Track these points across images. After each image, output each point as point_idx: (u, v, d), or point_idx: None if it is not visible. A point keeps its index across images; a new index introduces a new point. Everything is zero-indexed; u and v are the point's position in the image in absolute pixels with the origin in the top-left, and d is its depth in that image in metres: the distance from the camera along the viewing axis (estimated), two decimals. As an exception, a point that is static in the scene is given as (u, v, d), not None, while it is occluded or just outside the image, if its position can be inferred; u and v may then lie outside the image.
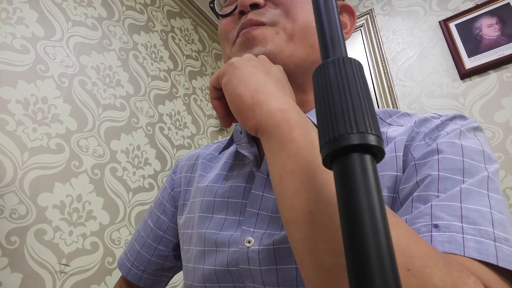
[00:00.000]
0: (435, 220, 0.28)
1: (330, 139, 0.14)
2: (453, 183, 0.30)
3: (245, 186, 0.44)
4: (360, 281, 0.11)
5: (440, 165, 0.32)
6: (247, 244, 0.38)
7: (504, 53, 1.30)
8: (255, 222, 0.39)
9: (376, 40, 1.64)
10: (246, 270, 0.37)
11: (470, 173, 0.31)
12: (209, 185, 0.48)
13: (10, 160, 0.93)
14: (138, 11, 1.60)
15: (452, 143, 0.34)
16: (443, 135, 0.35)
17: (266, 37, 0.42)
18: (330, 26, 0.17)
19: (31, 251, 0.91)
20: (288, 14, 0.42)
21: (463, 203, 0.28)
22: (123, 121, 1.32)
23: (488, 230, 0.26)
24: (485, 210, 0.28)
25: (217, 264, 0.40)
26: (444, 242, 0.26)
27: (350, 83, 0.15)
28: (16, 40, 1.06)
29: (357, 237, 0.12)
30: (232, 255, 0.38)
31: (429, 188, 0.30)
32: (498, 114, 1.25)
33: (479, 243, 0.25)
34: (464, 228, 0.26)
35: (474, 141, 0.34)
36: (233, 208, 0.43)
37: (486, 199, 0.28)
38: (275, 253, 0.36)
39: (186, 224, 0.49)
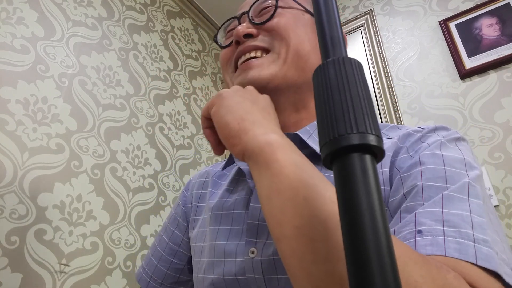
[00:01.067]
0: (419, 226, 0.29)
1: (330, 139, 0.14)
2: (437, 190, 0.32)
3: (248, 198, 0.47)
4: (360, 281, 0.11)
5: (423, 176, 0.34)
6: (251, 254, 0.40)
7: (504, 53, 1.30)
8: (256, 233, 0.41)
9: (376, 40, 1.64)
10: (252, 279, 0.39)
11: (452, 179, 0.32)
12: (218, 200, 0.51)
13: (10, 160, 0.93)
14: (138, 11, 1.60)
15: (433, 154, 0.36)
16: (424, 147, 0.38)
17: (262, 63, 0.46)
18: (330, 26, 0.17)
19: (31, 251, 0.91)
20: (282, 39, 0.46)
21: (445, 209, 0.30)
22: (123, 121, 1.32)
23: (468, 232, 0.28)
24: (466, 214, 0.29)
25: (225, 273, 0.42)
26: (427, 246, 0.27)
27: (350, 83, 0.15)
28: (16, 40, 1.06)
29: (357, 237, 0.12)
30: (240, 265, 0.41)
31: (415, 199, 0.32)
32: (498, 114, 1.25)
33: (459, 244, 0.27)
34: (446, 231, 0.28)
35: (455, 151, 0.36)
36: (237, 219, 0.46)
37: (466, 204, 0.30)
38: (275, 263, 0.38)
39: (199, 238, 0.52)
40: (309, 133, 0.45)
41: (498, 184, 1.16)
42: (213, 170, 0.60)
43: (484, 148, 1.22)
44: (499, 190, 1.15)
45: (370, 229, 0.12)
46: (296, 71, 0.46)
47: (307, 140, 0.44)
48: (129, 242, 1.17)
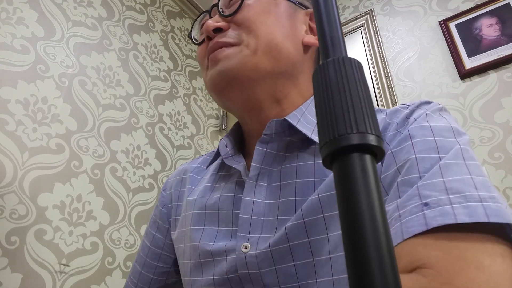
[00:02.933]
0: (424, 198, 0.29)
1: (330, 139, 0.14)
2: (431, 161, 0.32)
3: (234, 196, 0.45)
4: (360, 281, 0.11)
5: (415, 149, 0.34)
6: (244, 250, 0.39)
7: (504, 53, 1.30)
8: (249, 227, 0.41)
9: (376, 40, 1.64)
10: (246, 275, 0.38)
11: (444, 149, 0.33)
12: (198, 197, 0.49)
13: (10, 160, 0.93)
14: (138, 11, 1.61)
15: (422, 126, 0.36)
16: (411, 121, 0.38)
17: (229, 54, 0.44)
18: (330, 26, 0.17)
19: (31, 251, 0.91)
20: (250, 32, 0.45)
21: (445, 177, 0.30)
22: (123, 121, 1.32)
23: (473, 193, 0.28)
24: (466, 178, 0.30)
25: (215, 274, 0.41)
26: (437, 217, 0.27)
27: (350, 83, 0.15)
28: (16, 40, 1.06)
29: (357, 237, 0.12)
30: (231, 262, 0.40)
31: (411, 172, 0.32)
32: (498, 114, 1.25)
33: (467, 208, 0.27)
34: (451, 198, 0.28)
35: (441, 121, 0.37)
36: (225, 219, 0.45)
37: (464, 167, 0.31)
38: (273, 255, 0.37)
39: (179, 239, 0.50)
40: (297, 118, 0.44)
41: (498, 184, 1.16)
42: (191, 167, 0.58)
43: (484, 148, 1.22)
44: (499, 190, 1.15)
45: (370, 229, 0.12)
46: (270, 62, 0.44)
47: (297, 125, 0.43)
48: (129, 242, 1.17)
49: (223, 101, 0.48)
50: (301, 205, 0.39)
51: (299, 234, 0.37)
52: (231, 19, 0.46)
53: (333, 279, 0.34)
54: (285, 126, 0.44)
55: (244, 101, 0.46)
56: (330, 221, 0.36)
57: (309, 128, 0.44)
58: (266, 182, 0.43)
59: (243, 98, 0.46)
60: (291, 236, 0.37)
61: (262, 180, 0.43)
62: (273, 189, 0.42)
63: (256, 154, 0.44)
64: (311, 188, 0.39)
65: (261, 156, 0.44)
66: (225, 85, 0.45)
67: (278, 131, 0.44)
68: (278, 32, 0.46)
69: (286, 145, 0.45)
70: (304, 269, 0.36)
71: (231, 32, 0.45)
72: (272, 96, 0.46)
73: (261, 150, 0.44)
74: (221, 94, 0.46)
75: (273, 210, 0.41)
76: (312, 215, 0.37)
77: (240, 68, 0.43)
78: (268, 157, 0.44)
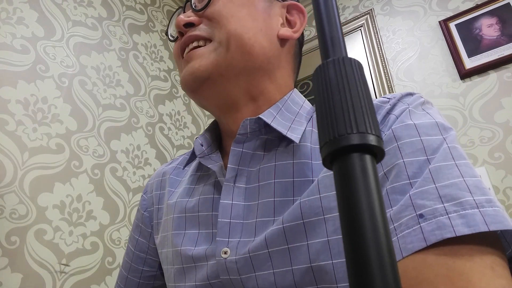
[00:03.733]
0: (418, 209, 0.28)
1: (330, 139, 0.14)
2: (419, 165, 0.31)
3: (213, 198, 0.44)
4: (360, 281, 0.11)
5: (402, 152, 0.32)
6: (224, 255, 0.38)
7: (504, 53, 1.30)
8: (228, 231, 0.39)
9: (376, 40, 1.64)
10: (227, 280, 0.38)
11: (431, 148, 0.31)
12: (178, 200, 0.48)
13: (10, 160, 0.93)
14: (138, 11, 1.61)
15: (406, 125, 0.34)
16: (393, 119, 0.36)
17: (202, 53, 0.43)
18: (330, 26, 0.17)
19: (31, 251, 0.91)
20: (221, 26, 0.43)
21: (437, 183, 0.29)
22: (123, 121, 1.32)
23: (468, 199, 0.27)
24: (459, 181, 0.28)
25: (197, 280, 0.40)
26: (434, 230, 0.26)
27: (350, 83, 0.15)
28: (16, 40, 1.06)
29: (357, 237, 0.12)
30: (212, 268, 0.39)
31: (400, 178, 0.31)
32: (498, 114, 1.25)
33: (464, 216, 0.26)
34: (447, 207, 0.27)
35: (425, 116, 0.35)
36: (205, 221, 0.43)
37: (455, 169, 0.29)
38: (252, 261, 0.36)
39: (162, 243, 0.49)
40: (272, 116, 0.43)
41: (498, 184, 1.16)
42: (171, 167, 0.57)
43: (484, 148, 1.22)
44: (499, 190, 1.15)
45: (370, 229, 0.12)
46: (243, 57, 0.43)
47: (271, 123, 0.42)
48: (129, 242, 1.17)
49: (197, 100, 0.47)
50: (280, 206, 0.38)
51: (279, 240, 0.35)
52: (203, 13, 0.45)
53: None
54: (260, 124, 0.43)
55: (218, 100, 0.45)
56: (310, 227, 0.35)
57: (285, 125, 0.42)
58: (244, 183, 0.42)
59: (217, 97, 0.45)
60: (270, 242, 0.35)
61: (240, 181, 0.42)
62: (252, 191, 0.41)
63: (231, 155, 0.43)
64: (290, 189, 0.38)
65: (237, 157, 0.43)
66: (198, 85, 0.44)
67: (253, 130, 0.43)
68: (250, 26, 0.44)
69: (263, 144, 0.44)
70: (283, 277, 0.34)
71: (202, 26, 0.44)
72: (247, 93, 0.45)
73: (237, 151, 0.43)
74: (195, 94, 0.45)
75: (252, 213, 0.40)
76: (292, 221, 0.35)
77: (213, 67, 0.42)
78: (245, 157, 0.43)
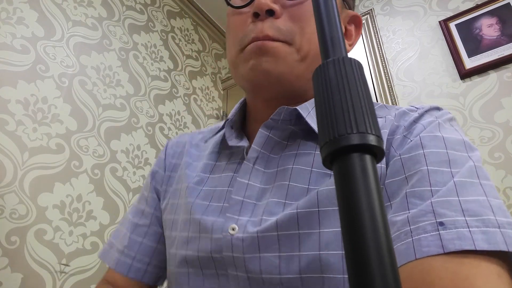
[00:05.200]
0: (439, 217, 0.28)
1: (330, 139, 0.14)
2: (443, 175, 0.31)
3: (232, 176, 0.44)
4: (360, 281, 0.11)
5: (427, 160, 0.33)
6: (231, 231, 0.38)
7: (504, 53, 1.30)
8: (239, 209, 0.39)
9: (376, 40, 1.64)
10: (229, 258, 0.37)
11: (456, 163, 0.32)
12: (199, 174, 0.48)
13: (10, 160, 0.93)
14: (138, 11, 1.60)
15: (434, 136, 0.35)
16: (420, 128, 0.36)
17: (279, 53, 0.41)
18: (330, 26, 0.17)
19: (31, 251, 0.91)
20: (304, 34, 0.42)
21: (460, 196, 0.29)
22: (123, 121, 1.32)
23: (491, 218, 0.27)
24: (482, 199, 0.29)
25: (200, 250, 0.40)
26: (454, 240, 0.26)
27: (350, 83, 0.15)
28: (16, 40, 1.06)
29: (357, 237, 0.12)
30: (216, 242, 0.39)
31: (422, 184, 0.31)
32: (498, 114, 1.25)
33: (485, 233, 0.26)
34: (468, 221, 0.27)
35: (454, 132, 0.36)
36: (218, 196, 0.44)
37: (479, 188, 0.30)
38: (259, 241, 0.36)
39: (169, 210, 0.49)
40: (308, 110, 0.43)
41: (498, 184, 1.16)
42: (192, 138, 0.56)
43: (484, 148, 1.22)
44: (499, 190, 1.15)
45: (370, 229, 0.12)
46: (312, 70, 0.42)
47: (306, 117, 0.42)
48: (129, 242, 1.17)
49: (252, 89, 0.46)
50: (293, 191, 0.38)
51: (290, 224, 0.35)
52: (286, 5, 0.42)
53: (323, 277, 0.33)
54: (293, 115, 0.43)
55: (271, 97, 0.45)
56: (324, 216, 0.35)
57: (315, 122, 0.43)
58: (263, 167, 0.42)
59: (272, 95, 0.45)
60: (280, 225, 0.35)
61: (260, 164, 0.43)
62: (269, 175, 0.41)
63: (258, 136, 0.43)
64: (306, 177, 0.38)
65: (263, 139, 0.43)
66: (266, 84, 0.43)
67: (285, 119, 0.43)
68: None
69: (288, 135, 0.44)
70: (288, 262, 0.34)
71: (283, 23, 0.41)
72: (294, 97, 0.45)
73: (263, 134, 0.43)
74: (256, 89, 0.45)
75: (266, 195, 0.40)
76: (307, 208, 0.35)
77: (286, 73, 0.41)
78: (269, 143, 0.43)
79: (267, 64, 0.41)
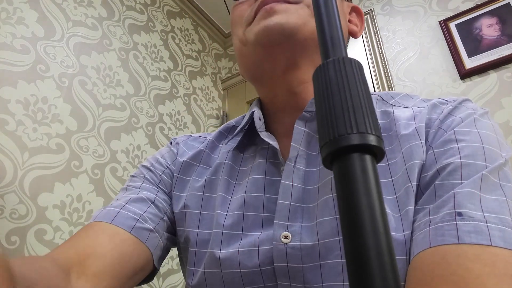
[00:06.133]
0: (458, 207, 0.28)
1: (330, 139, 0.14)
2: (476, 168, 0.31)
3: (264, 179, 0.40)
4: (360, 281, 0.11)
5: (461, 153, 0.32)
6: (284, 239, 0.35)
7: (504, 53, 1.30)
8: (287, 215, 0.36)
9: (376, 40, 1.64)
10: (283, 268, 0.34)
11: (490, 158, 0.31)
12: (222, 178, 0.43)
13: (10, 160, 0.93)
14: (138, 11, 1.60)
15: (469, 131, 0.34)
16: (457, 121, 0.36)
17: (289, 9, 0.39)
18: (330, 26, 0.17)
19: (31, 251, 0.91)
20: None
21: (482, 192, 0.29)
22: (123, 121, 1.32)
23: (507, 218, 0.27)
24: (501, 199, 0.29)
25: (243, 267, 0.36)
26: (471, 233, 0.27)
27: (350, 83, 0.15)
28: (16, 40, 1.06)
29: (357, 237, 0.12)
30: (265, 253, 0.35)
31: (453, 177, 0.31)
32: (498, 114, 1.24)
33: (502, 231, 0.26)
34: (486, 217, 0.27)
35: (489, 128, 0.35)
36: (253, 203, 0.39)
37: (499, 188, 0.30)
38: (320, 249, 0.33)
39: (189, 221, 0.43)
40: None
41: (498, 184, 1.16)
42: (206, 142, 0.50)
43: (484, 148, 1.22)
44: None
45: (370, 229, 0.12)
46: None
47: None
48: (129, 242, 1.17)
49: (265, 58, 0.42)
50: None
51: None
52: None
53: None
54: None
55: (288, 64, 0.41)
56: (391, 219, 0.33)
57: None
58: (304, 165, 0.39)
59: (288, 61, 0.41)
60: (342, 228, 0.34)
61: (300, 163, 0.39)
62: (311, 174, 0.38)
63: (295, 133, 0.40)
64: None
65: (300, 136, 0.40)
66: (281, 40, 0.39)
67: None
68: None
69: None
70: None
71: None
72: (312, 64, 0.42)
73: (300, 130, 0.40)
74: (270, 49, 0.40)
75: (313, 196, 0.37)
76: None
77: (300, 26, 0.39)
78: (307, 139, 0.40)
79: (279, 18, 0.38)
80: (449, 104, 0.39)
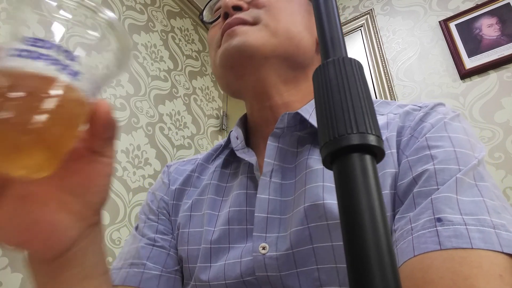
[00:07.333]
0: (437, 213, 0.29)
1: (330, 139, 0.14)
2: (450, 172, 0.31)
3: (246, 193, 0.43)
4: (360, 281, 0.11)
5: (434, 160, 0.33)
6: (262, 250, 0.37)
7: (504, 53, 1.30)
8: (265, 227, 0.38)
9: (376, 40, 1.64)
10: (264, 277, 0.36)
11: (463, 161, 0.32)
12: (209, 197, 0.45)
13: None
14: (138, 11, 1.60)
15: (440, 136, 0.35)
16: (428, 127, 0.36)
17: (247, 31, 0.42)
18: (330, 26, 0.17)
19: None
20: (271, 14, 0.43)
21: (459, 195, 0.29)
22: (123, 121, 1.32)
23: (486, 218, 0.28)
24: (478, 200, 0.29)
25: (227, 278, 0.38)
26: (451, 237, 0.27)
27: (350, 83, 0.15)
28: (16, 40, 1.06)
29: (357, 237, 0.12)
30: (247, 264, 0.37)
31: (429, 183, 0.32)
32: (498, 114, 1.25)
33: (482, 232, 0.27)
34: (465, 219, 0.28)
35: (460, 130, 0.36)
36: (237, 217, 0.42)
37: (475, 189, 0.30)
38: (295, 257, 0.35)
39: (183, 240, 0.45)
40: (309, 112, 0.42)
41: (498, 184, 1.16)
42: (194, 165, 0.53)
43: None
44: (499, 190, 1.15)
45: (370, 229, 0.12)
46: (290, 48, 0.43)
47: (309, 119, 0.41)
48: (129, 242, 1.17)
49: (234, 79, 0.45)
50: (309, 193, 0.36)
51: (323, 236, 0.34)
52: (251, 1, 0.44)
53: None
54: (297, 120, 0.43)
55: (256, 83, 0.44)
56: None
57: None
58: (279, 179, 0.41)
59: (256, 79, 0.44)
60: (314, 237, 0.35)
61: (276, 176, 0.41)
62: (288, 187, 0.41)
63: (268, 149, 0.42)
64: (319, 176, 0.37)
65: (274, 151, 0.42)
66: (241, 61, 0.42)
67: (290, 125, 0.42)
68: (299, 22, 0.45)
69: (297, 141, 0.44)
70: (327, 274, 0.34)
71: (249, 11, 0.44)
72: (285, 83, 0.45)
73: (273, 146, 0.43)
74: (234, 71, 0.44)
75: (289, 208, 0.39)
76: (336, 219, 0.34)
77: (259, 46, 0.41)
78: (280, 153, 0.43)
79: (237, 40, 0.42)
80: (421, 110, 0.39)
